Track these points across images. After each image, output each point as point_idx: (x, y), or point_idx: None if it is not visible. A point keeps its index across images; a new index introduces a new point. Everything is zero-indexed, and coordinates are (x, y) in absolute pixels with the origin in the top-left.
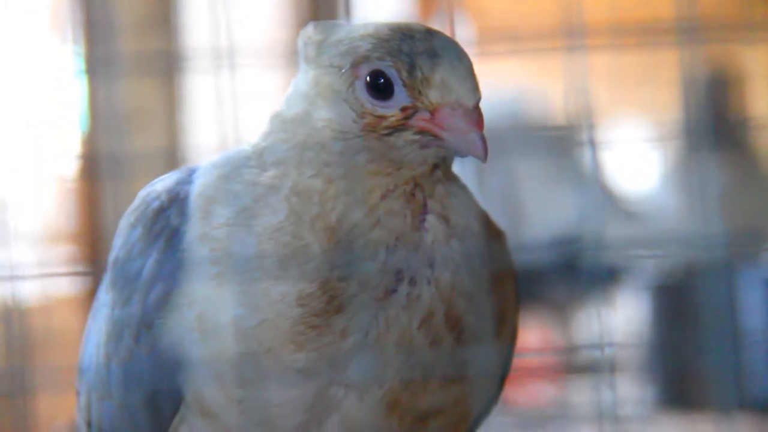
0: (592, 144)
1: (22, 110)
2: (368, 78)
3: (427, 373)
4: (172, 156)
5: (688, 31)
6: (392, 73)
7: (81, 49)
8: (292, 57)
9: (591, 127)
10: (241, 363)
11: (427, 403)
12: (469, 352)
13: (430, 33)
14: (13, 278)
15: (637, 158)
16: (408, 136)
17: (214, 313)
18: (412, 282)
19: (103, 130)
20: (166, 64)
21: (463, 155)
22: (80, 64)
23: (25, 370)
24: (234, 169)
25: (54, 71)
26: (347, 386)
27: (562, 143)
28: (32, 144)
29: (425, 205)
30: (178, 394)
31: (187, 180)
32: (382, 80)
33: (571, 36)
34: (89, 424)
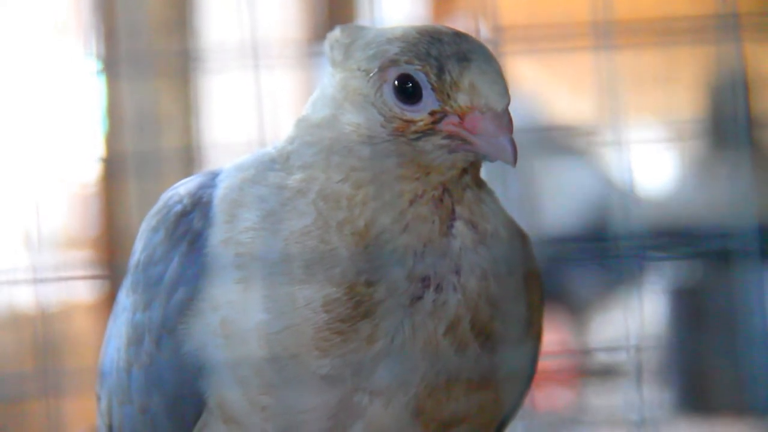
0: (619, 144)
1: (40, 113)
2: (396, 82)
3: (453, 379)
4: (188, 157)
5: (717, 29)
6: (421, 77)
7: (100, 50)
8: (310, 57)
9: (618, 127)
10: (266, 368)
11: (452, 410)
12: (495, 358)
13: (459, 36)
14: (35, 282)
15: (656, 157)
16: (437, 140)
17: (238, 318)
18: (438, 288)
19: (122, 132)
20: (183, 65)
21: (492, 159)
22: (99, 66)
23: (50, 374)
24: (259, 172)
25: (73, 73)
26: (372, 393)
27: (582, 143)
28: (51, 147)
29: (453, 211)
30: (201, 400)
31: (210, 184)
32: (411, 84)
33: (597, 36)
34: (110, 429)
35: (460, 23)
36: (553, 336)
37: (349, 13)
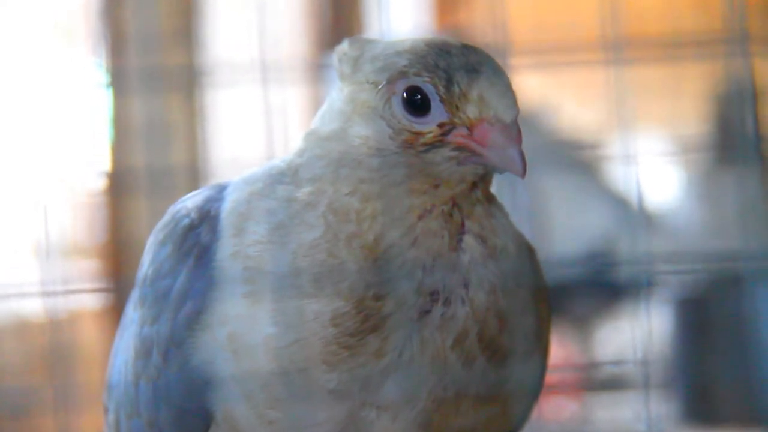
0: (627, 158)
1: (47, 124)
2: (405, 94)
3: (461, 393)
4: (196, 171)
5: (725, 43)
6: (429, 89)
7: (108, 63)
8: (318, 69)
9: (626, 140)
10: (273, 383)
11: (460, 424)
12: (503, 372)
13: (467, 48)
14: (44, 294)
15: (661, 171)
16: (445, 152)
17: (246, 332)
18: (447, 302)
19: (130, 145)
20: (192, 79)
21: (501, 171)
22: (107, 78)
23: (59, 387)
24: (267, 186)
25: (80, 85)
26: (380, 407)
27: (589, 158)
28: (58, 158)
29: (463, 225)
30: (208, 414)
31: (218, 197)
32: (419, 96)
33: (606, 50)
34: None
35: (467, 35)
36: (558, 349)
37: (357, 24)
